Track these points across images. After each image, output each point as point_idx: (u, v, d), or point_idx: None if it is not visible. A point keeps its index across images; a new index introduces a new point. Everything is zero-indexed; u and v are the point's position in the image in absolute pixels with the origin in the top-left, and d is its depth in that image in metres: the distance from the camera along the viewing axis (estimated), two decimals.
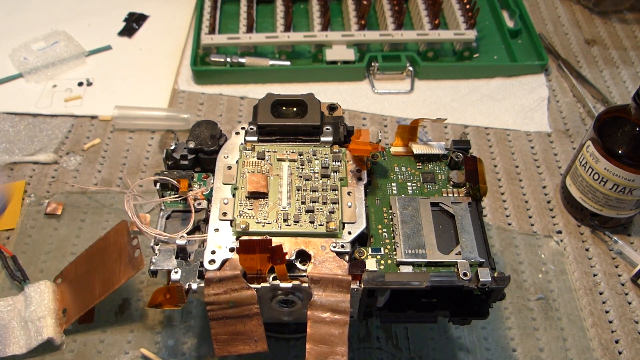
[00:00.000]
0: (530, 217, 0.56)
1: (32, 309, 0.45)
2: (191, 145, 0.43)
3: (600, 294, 0.51)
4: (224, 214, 0.37)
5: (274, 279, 0.35)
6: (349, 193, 0.38)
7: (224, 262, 0.35)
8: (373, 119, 0.65)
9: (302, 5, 0.77)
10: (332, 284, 0.34)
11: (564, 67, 0.71)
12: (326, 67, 0.67)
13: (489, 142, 0.63)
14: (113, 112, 0.62)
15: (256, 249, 0.33)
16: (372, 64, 0.68)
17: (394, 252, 0.37)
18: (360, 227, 0.37)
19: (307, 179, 0.39)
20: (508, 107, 0.66)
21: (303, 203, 0.38)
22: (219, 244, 0.36)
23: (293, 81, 0.68)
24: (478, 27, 0.72)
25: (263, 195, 0.38)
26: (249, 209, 0.37)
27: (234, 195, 0.38)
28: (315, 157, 0.40)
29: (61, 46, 0.70)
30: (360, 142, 0.40)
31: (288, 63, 0.68)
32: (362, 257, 0.36)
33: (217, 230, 0.37)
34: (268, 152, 0.40)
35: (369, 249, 0.37)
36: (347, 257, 0.36)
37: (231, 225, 0.37)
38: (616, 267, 0.53)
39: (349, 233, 0.37)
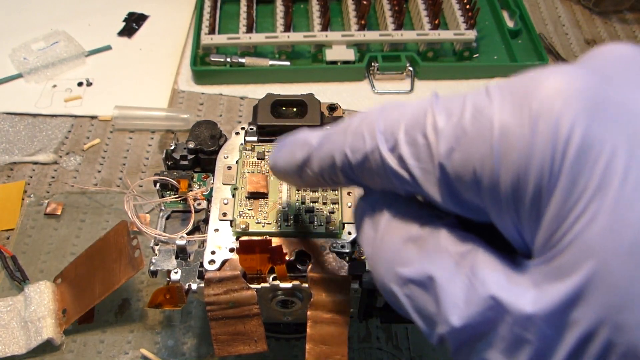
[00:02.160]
0: None
1: (32, 309, 0.45)
2: (191, 145, 0.43)
3: None
4: (224, 214, 0.37)
5: (274, 279, 0.35)
6: (348, 193, 0.38)
7: (224, 262, 0.35)
8: None
9: (302, 5, 0.77)
10: (332, 284, 0.34)
11: None
12: (326, 67, 0.67)
13: None
14: (113, 112, 0.62)
15: (256, 249, 0.33)
16: (372, 64, 0.68)
17: None
18: None
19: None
20: None
21: (303, 203, 0.38)
22: (219, 244, 0.36)
23: (293, 81, 0.68)
24: (478, 27, 0.72)
25: (263, 195, 0.38)
26: (248, 209, 0.37)
27: (233, 196, 0.38)
28: None
29: (61, 46, 0.70)
30: None
31: (288, 63, 0.68)
32: (362, 257, 0.36)
33: (217, 230, 0.37)
34: (268, 152, 0.40)
35: None
36: (347, 257, 0.36)
37: (231, 226, 0.37)
38: None
39: (349, 233, 0.37)
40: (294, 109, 0.43)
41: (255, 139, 0.41)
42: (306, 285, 0.35)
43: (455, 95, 0.20)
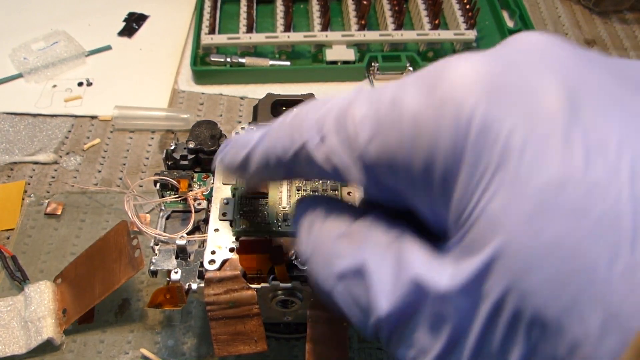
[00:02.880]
0: None
1: (32, 309, 0.45)
2: (191, 145, 0.43)
3: None
4: (224, 214, 0.37)
5: (274, 279, 0.35)
6: (349, 193, 0.38)
7: (224, 262, 0.35)
8: None
9: (302, 5, 0.77)
10: None
11: None
12: (326, 67, 0.67)
13: None
14: (113, 112, 0.62)
15: (256, 249, 0.33)
16: (372, 64, 0.68)
17: None
18: None
19: (307, 179, 0.39)
20: None
21: None
22: (219, 244, 0.36)
23: (293, 81, 0.68)
24: (478, 27, 0.72)
25: (263, 195, 0.38)
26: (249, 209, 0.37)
27: (234, 196, 0.38)
28: None
29: (61, 46, 0.70)
30: None
31: (288, 63, 0.68)
32: None
33: (217, 230, 0.37)
34: None
35: None
36: None
37: (231, 226, 0.37)
38: None
39: None
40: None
41: None
42: (306, 285, 0.35)
43: (378, 87, 0.21)
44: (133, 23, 0.74)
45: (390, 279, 0.20)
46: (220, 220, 0.37)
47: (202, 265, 0.35)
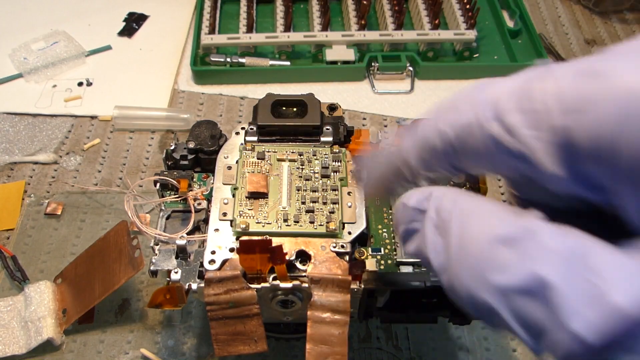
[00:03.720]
0: None
1: (32, 309, 0.45)
2: (191, 145, 0.43)
3: None
4: (224, 214, 0.37)
5: (274, 279, 0.35)
6: (349, 193, 0.38)
7: (224, 262, 0.35)
8: (373, 119, 0.65)
9: (302, 5, 0.77)
10: (332, 284, 0.34)
11: None
12: (326, 67, 0.67)
13: None
14: (113, 112, 0.62)
15: (256, 249, 0.33)
16: (372, 64, 0.68)
17: (394, 252, 0.37)
18: (360, 227, 0.37)
19: (307, 179, 0.39)
20: None
21: (303, 203, 0.38)
22: (219, 244, 0.36)
23: (293, 81, 0.68)
24: (478, 27, 0.72)
25: (263, 195, 0.38)
26: (249, 209, 0.37)
27: (234, 196, 0.38)
28: (315, 157, 0.40)
29: (61, 46, 0.70)
30: (360, 142, 0.40)
31: (288, 63, 0.68)
32: (362, 257, 0.36)
33: (217, 230, 0.37)
34: (268, 152, 0.40)
35: (369, 249, 0.37)
36: (347, 257, 0.36)
37: (231, 226, 0.37)
38: None
39: (349, 233, 0.37)
40: (294, 109, 0.43)
41: (255, 139, 0.41)
42: (306, 285, 0.35)
43: (552, 64, 0.18)
44: (133, 23, 0.74)
45: (589, 301, 0.15)
46: (220, 220, 0.37)
47: (202, 265, 0.35)
